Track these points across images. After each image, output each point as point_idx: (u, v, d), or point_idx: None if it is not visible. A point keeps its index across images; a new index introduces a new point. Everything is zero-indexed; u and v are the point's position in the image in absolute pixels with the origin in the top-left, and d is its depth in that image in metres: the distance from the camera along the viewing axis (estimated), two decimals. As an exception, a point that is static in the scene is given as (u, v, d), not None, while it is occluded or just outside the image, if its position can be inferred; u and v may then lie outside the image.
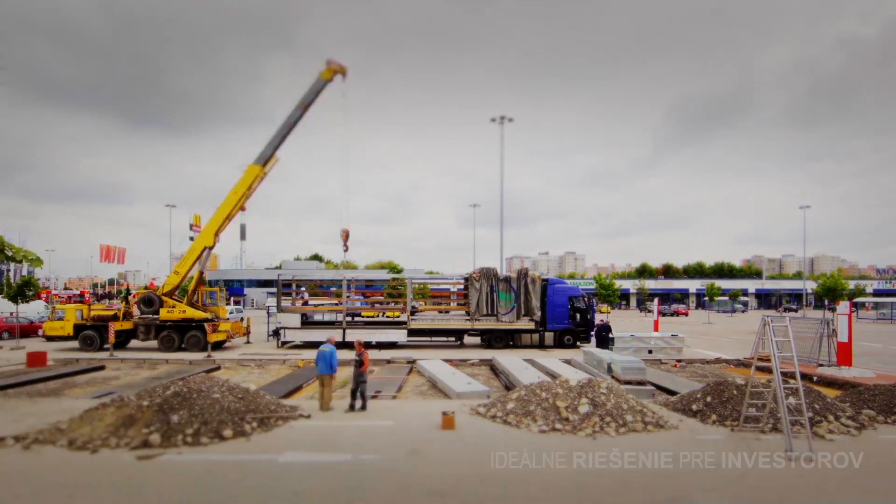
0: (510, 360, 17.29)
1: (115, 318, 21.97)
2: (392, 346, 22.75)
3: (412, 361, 19.29)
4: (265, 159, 22.09)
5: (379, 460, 7.42)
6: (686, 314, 64.26)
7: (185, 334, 21.67)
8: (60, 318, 22.00)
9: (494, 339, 23.19)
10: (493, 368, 18.16)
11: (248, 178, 21.91)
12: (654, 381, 14.45)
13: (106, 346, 21.12)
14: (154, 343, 21.98)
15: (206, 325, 21.39)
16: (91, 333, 21.54)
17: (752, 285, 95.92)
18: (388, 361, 19.31)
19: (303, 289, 26.89)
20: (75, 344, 21.85)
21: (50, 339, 23.06)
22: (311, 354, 20.49)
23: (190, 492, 6.29)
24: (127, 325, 22.04)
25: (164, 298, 21.88)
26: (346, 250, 23.22)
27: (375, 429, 9.05)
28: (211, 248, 22.38)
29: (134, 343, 22.95)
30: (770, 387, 9.89)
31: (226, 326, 22.63)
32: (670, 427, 9.13)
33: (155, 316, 21.88)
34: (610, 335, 20.55)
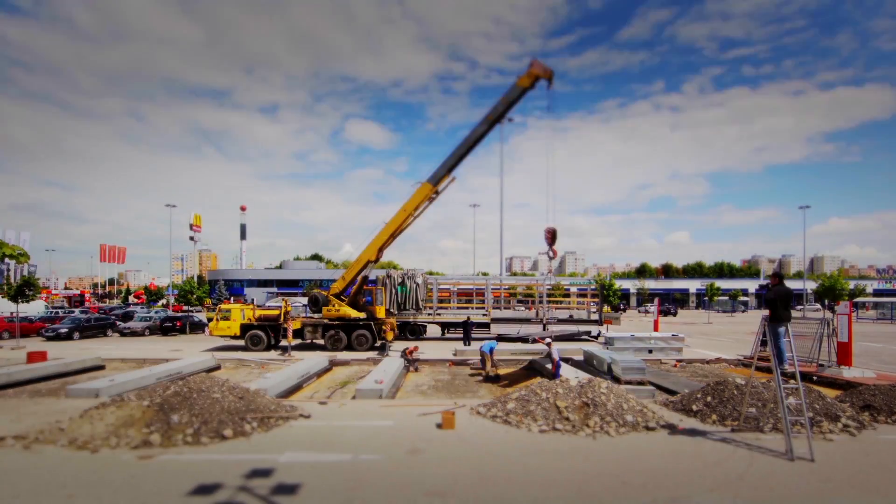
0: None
1: (278, 318, 22.82)
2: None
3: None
4: (438, 179, 21.16)
5: (379, 460, 7.42)
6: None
7: (351, 334, 22.64)
8: (226, 319, 22.59)
9: None
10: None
11: (417, 197, 21.44)
12: (654, 381, 14.45)
13: (283, 343, 22.22)
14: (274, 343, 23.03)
15: (373, 324, 22.45)
16: (258, 333, 22.48)
17: (752, 285, 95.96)
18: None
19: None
20: (234, 343, 23.29)
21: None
22: (305, 354, 20.55)
23: (190, 491, 6.29)
24: (295, 325, 22.54)
25: (331, 298, 22.90)
26: (551, 257, 19.86)
27: (375, 429, 9.05)
28: (374, 261, 22.70)
29: (296, 342, 23.16)
30: (770, 387, 9.90)
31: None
32: (670, 427, 9.12)
33: (321, 316, 23.08)
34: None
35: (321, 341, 23.00)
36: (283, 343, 22.39)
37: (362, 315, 23.16)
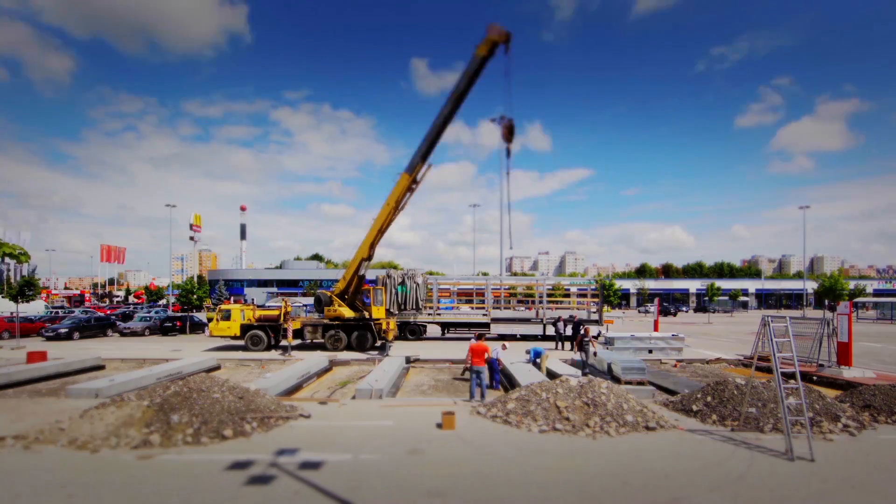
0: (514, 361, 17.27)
1: (278, 318, 22.96)
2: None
3: (411, 361, 19.31)
4: (414, 167, 20.98)
5: (379, 460, 7.42)
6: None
7: (351, 334, 22.77)
8: (227, 319, 22.68)
9: None
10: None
11: (398, 190, 21.35)
12: (654, 381, 14.45)
13: (283, 343, 22.40)
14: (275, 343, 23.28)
15: (373, 324, 22.69)
16: (259, 333, 22.61)
17: (752, 285, 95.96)
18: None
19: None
20: (227, 343, 23.77)
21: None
22: (305, 354, 20.55)
23: (190, 491, 6.29)
24: (295, 325, 22.61)
25: (334, 298, 23.04)
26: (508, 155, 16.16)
27: (375, 429, 9.05)
28: (367, 259, 22.72)
29: (296, 342, 23.40)
30: (770, 387, 9.90)
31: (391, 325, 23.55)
32: (670, 427, 9.13)
33: (321, 315, 23.19)
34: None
35: (321, 341, 22.99)
36: (284, 343, 22.43)
37: (361, 315, 23.16)
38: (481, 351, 11.84)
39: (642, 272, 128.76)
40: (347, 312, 22.84)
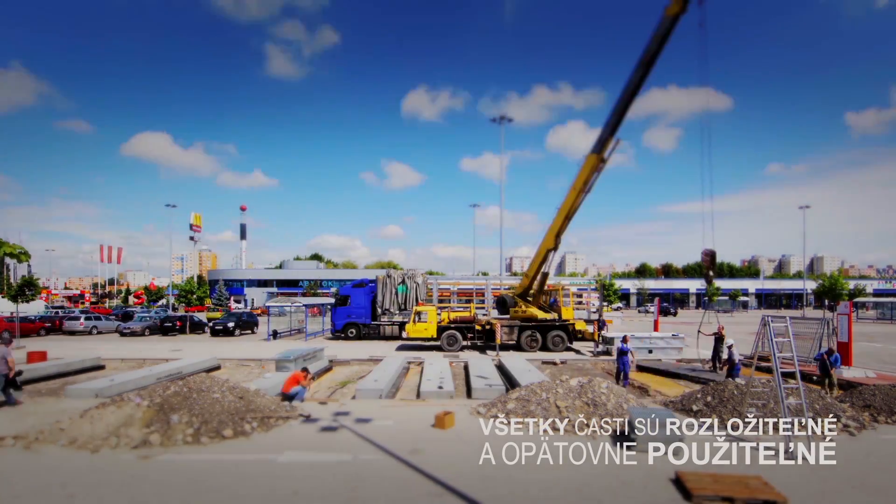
0: (514, 361, 17.31)
1: (472, 320, 23.16)
2: None
3: (410, 361, 19.31)
4: (602, 144, 18.73)
5: (379, 460, 7.42)
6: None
7: (546, 335, 22.65)
8: (423, 321, 22.95)
9: None
10: (499, 368, 18.16)
11: (585, 172, 19.55)
12: (654, 380, 14.44)
13: (492, 343, 22.20)
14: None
15: (567, 326, 22.72)
16: (454, 333, 22.82)
17: (752, 285, 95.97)
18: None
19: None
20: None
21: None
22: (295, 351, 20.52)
23: (190, 491, 6.29)
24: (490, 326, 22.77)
25: (517, 300, 22.86)
26: (710, 279, 17.20)
27: (375, 429, 9.05)
28: (553, 250, 21.49)
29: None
30: (770, 386, 9.90)
31: (580, 326, 23.47)
32: (670, 427, 9.12)
33: (510, 317, 23.13)
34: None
35: (512, 342, 22.75)
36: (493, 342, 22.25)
37: (553, 315, 22.85)
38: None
39: (642, 272, 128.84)
40: (539, 313, 22.54)
